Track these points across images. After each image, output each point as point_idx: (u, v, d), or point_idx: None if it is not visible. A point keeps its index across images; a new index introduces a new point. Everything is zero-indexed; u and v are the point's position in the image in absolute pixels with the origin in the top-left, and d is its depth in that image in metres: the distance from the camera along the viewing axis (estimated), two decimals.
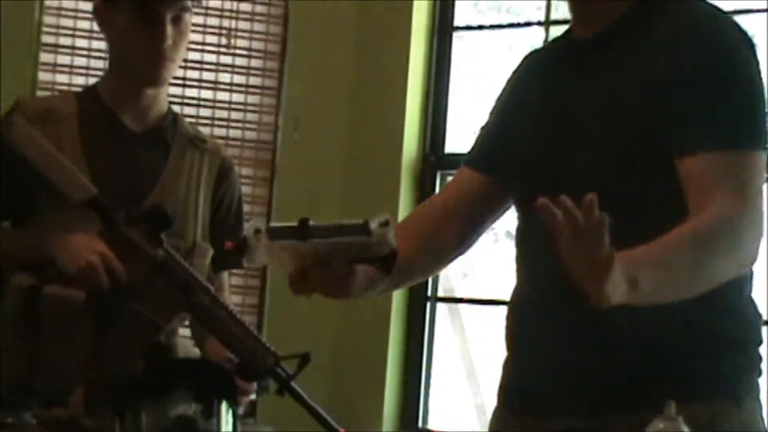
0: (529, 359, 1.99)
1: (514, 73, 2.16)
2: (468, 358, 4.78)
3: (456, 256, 2.18)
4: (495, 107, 2.17)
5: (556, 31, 4.47)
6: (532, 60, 2.16)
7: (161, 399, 2.15)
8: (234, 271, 3.86)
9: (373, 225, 1.83)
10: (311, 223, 1.85)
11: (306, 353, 2.16)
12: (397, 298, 4.27)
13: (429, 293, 4.36)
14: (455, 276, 4.83)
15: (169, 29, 2.48)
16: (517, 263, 2.06)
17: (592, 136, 1.90)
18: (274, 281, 4.28)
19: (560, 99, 1.98)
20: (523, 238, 2.04)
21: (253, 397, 2.43)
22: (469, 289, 4.61)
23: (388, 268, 1.94)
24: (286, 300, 4.19)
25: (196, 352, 2.58)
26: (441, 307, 4.48)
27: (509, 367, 2.05)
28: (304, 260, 1.88)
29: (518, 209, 2.06)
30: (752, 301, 1.95)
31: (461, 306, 4.76)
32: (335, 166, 4.39)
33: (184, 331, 2.69)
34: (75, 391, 2.27)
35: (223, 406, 2.22)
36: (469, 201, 2.13)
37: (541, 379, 1.94)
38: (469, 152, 2.19)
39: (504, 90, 2.17)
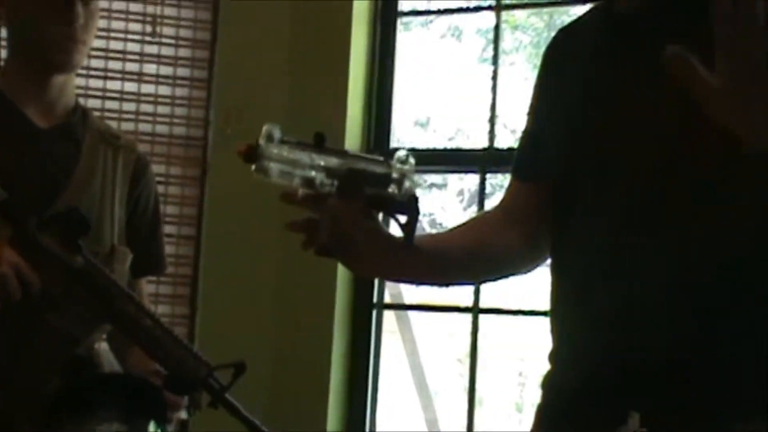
0: (584, 363, 1.90)
1: (546, 61, 2.10)
2: (418, 369, 4.78)
3: (514, 267, 2.11)
4: (531, 105, 2.11)
5: (508, 15, 4.48)
6: (566, 40, 2.09)
7: (83, 419, 2.13)
8: (162, 279, 3.85)
9: (392, 160, 1.81)
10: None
11: (240, 362, 2.15)
12: (341, 303, 4.26)
13: (375, 299, 4.34)
14: None
15: (79, 8, 2.46)
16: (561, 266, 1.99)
17: (654, 116, 1.85)
18: (205, 288, 4.25)
19: (613, 78, 1.91)
20: (570, 229, 1.95)
21: (183, 415, 2.41)
22: (418, 294, 4.60)
23: (411, 221, 1.85)
24: (219, 309, 4.23)
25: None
26: (388, 314, 4.47)
27: (553, 382, 1.98)
28: (317, 188, 1.81)
29: (563, 205, 1.97)
30: None
31: (410, 313, 4.76)
32: None
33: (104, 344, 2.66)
34: None
35: (151, 425, 2.20)
36: (530, 210, 2.06)
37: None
38: (518, 161, 2.11)
39: (538, 85, 2.10)
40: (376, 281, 4.32)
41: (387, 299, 4.44)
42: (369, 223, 1.87)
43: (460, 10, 4.57)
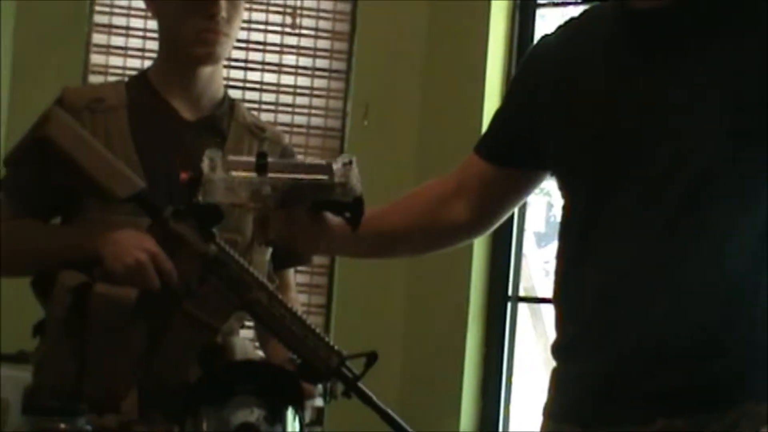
0: (611, 358, 1.93)
1: (547, 53, 2.11)
2: (551, 363, 4.74)
3: (459, 239, 2.24)
4: (519, 93, 2.14)
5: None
6: (573, 36, 2.08)
7: (221, 405, 2.15)
8: (299, 269, 3.87)
9: (336, 165, 1.93)
10: (270, 159, 1.92)
11: (373, 352, 2.14)
12: (475, 296, 4.23)
13: (510, 292, 4.32)
14: (537, 274, 4.78)
15: (222, 1, 2.47)
16: (580, 254, 2.00)
17: (691, 120, 1.86)
18: (341, 279, 4.27)
19: (642, 78, 1.92)
20: (592, 226, 1.97)
21: (320, 403, 2.41)
22: (552, 288, 4.56)
23: (356, 219, 1.99)
24: (354, 299, 4.25)
25: (256, 353, 2.57)
26: (522, 307, 4.44)
27: (579, 374, 2.00)
28: (264, 200, 1.92)
29: (586, 197, 1.99)
30: None
31: (543, 306, 4.72)
32: (408, 155, 4.36)
33: (248, 333, 2.68)
34: (127, 396, 2.27)
35: (289, 412, 2.21)
36: (486, 188, 2.15)
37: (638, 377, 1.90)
38: (487, 142, 2.18)
39: (530, 73, 2.12)
40: (512, 275, 4.30)
41: (521, 292, 4.41)
42: (313, 223, 2.03)
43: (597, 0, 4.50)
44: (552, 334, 2.12)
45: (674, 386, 1.86)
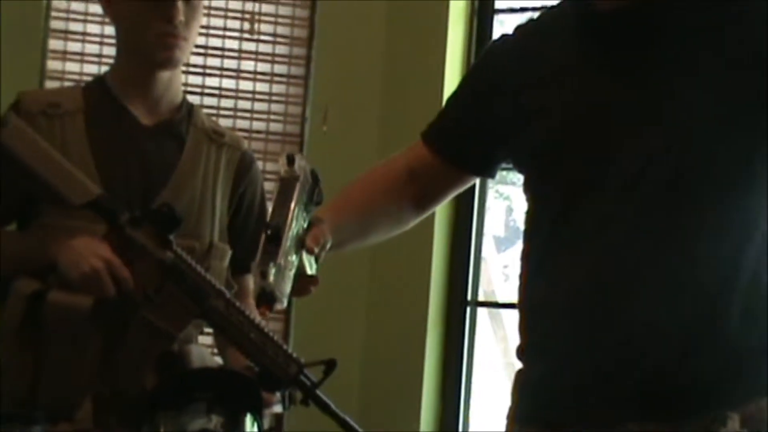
0: (589, 360, 1.90)
1: (500, 52, 2.10)
2: (512, 367, 4.73)
3: (411, 223, 2.23)
4: (477, 91, 2.13)
5: None
6: (529, 38, 2.06)
7: (179, 411, 2.13)
8: None
9: (299, 162, 2.02)
10: (270, 226, 1.89)
11: (331, 359, 2.13)
12: (434, 300, 4.22)
13: (468, 297, 4.30)
14: (496, 278, 4.78)
15: (181, 5, 2.45)
16: (549, 256, 1.98)
17: (663, 120, 1.85)
18: None
19: (613, 79, 1.90)
20: (564, 227, 1.95)
21: (278, 409, 2.39)
22: (511, 292, 4.56)
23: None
24: (314, 306, 4.22)
25: (213, 359, 2.55)
26: (481, 311, 4.43)
27: (547, 376, 1.97)
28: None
29: (558, 197, 1.97)
30: None
31: (503, 311, 4.72)
32: (367, 160, 4.31)
33: (206, 339, 2.66)
34: (82, 404, 2.24)
35: (248, 418, 2.19)
36: (434, 179, 2.17)
37: (612, 384, 1.88)
38: (440, 137, 2.18)
39: (490, 72, 2.11)
40: (471, 279, 4.28)
41: (480, 297, 4.40)
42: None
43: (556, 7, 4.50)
44: (512, 338, 2.11)
45: (646, 390, 1.85)
